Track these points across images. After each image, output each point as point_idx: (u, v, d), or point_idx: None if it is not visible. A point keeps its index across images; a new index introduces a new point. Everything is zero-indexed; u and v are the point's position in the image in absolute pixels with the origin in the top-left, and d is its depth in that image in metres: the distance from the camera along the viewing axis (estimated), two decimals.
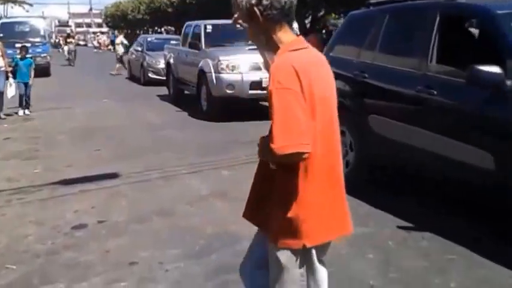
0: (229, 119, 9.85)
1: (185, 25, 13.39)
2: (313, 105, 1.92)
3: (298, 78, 1.88)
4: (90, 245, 4.21)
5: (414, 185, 5.36)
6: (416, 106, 4.74)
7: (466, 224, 4.41)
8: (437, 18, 4.74)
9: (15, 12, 47.98)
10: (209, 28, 11.55)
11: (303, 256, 2.03)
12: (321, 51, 11.58)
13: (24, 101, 11.27)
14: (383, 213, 4.73)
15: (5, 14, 45.62)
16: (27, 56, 12.00)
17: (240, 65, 9.90)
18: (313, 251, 2.04)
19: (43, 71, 18.91)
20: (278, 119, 1.85)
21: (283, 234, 1.99)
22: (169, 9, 30.93)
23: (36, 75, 18.49)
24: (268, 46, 2.08)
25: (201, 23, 11.99)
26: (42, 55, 19.87)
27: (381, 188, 5.39)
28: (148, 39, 19.20)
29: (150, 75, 16.83)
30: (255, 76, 9.77)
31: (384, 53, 5.43)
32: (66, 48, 26.97)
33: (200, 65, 10.63)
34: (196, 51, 11.24)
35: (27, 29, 20.90)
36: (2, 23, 22.43)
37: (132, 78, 19.29)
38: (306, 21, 24.23)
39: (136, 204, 5.17)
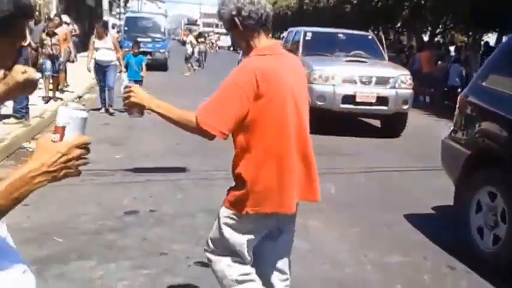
0: (317, 131, 9.67)
1: (287, 31, 13.28)
2: (267, 103, 2.29)
3: (253, 78, 2.26)
4: (132, 231, 4.48)
5: None
6: None
7: None
8: None
9: (148, 8, 51.07)
10: (309, 36, 11.30)
11: (241, 220, 2.46)
12: (431, 67, 10.75)
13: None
14: None
15: (139, 9, 48.82)
16: (142, 51, 12.06)
17: (333, 76, 9.58)
18: (251, 218, 2.44)
19: (161, 66, 20.04)
20: (213, 100, 2.31)
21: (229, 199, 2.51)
22: (288, 13, 31.40)
23: (154, 69, 19.68)
24: (247, 50, 2.43)
25: (302, 29, 11.78)
26: (161, 50, 21.02)
27: None
28: None
29: None
30: (349, 89, 9.52)
31: None
32: (196, 48, 25.73)
33: None
34: None
35: (150, 25, 22.17)
36: (127, 17, 24.09)
37: None
38: (425, 36, 23.51)
39: (189, 200, 5.38)
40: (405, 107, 9.72)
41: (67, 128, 1.40)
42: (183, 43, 43.43)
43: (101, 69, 10.42)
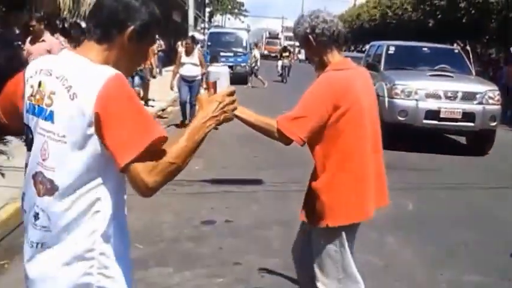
0: (400, 147, 8.85)
1: (370, 45, 13.19)
2: (345, 114, 2.44)
3: (331, 89, 2.46)
4: (209, 240, 4.60)
5: None
6: None
7: None
8: None
9: (231, 23, 52.30)
10: (392, 49, 11.05)
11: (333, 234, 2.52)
12: None
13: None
14: None
15: (223, 24, 50.09)
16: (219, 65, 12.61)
17: (416, 91, 9.26)
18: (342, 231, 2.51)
19: (241, 79, 20.45)
20: (294, 110, 2.47)
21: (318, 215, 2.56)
22: (367, 26, 31.05)
23: (235, 83, 19.88)
24: (320, 66, 2.60)
25: (384, 43, 11.57)
26: (242, 64, 21.52)
27: None
28: None
29: None
30: (432, 105, 9.16)
31: None
32: (280, 62, 24.81)
33: (375, 87, 10.35)
34: (375, 72, 10.73)
35: (232, 40, 22.73)
36: (210, 33, 24.81)
37: None
38: None
39: (264, 212, 5.45)
40: (493, 123, 9.27)
41: (217, 83, 1.90)
42: (265, 56, 44.06)
43: (186, 85, 10.46)
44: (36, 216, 1.68)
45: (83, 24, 10.87)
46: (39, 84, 1.69)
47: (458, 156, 9.15)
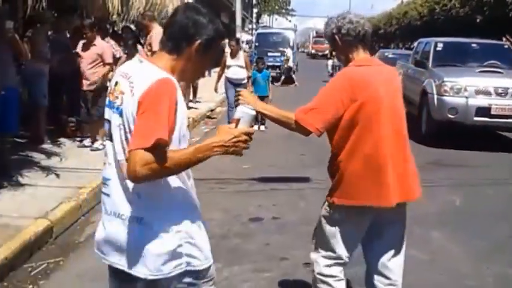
0: (450, 145, 8.93)
1: (417, 42, 13.01)
2: (361, 107, 2.57)
3: (348, 83, 2.61)
4: (256, 236, 4.73)
5: None
6: None
7: None
8: None
9: (278, 23, 52.32)
10: (440, 46, 10.90)
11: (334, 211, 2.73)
12: None
13: (259, 116, 11.37)
14: None
15: (271, 24, 50.22)
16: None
17: (466, 88, 9.08)
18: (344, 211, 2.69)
19: (288, 79, 20.56)
20: (311, 102, 2.64)
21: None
22: (418, 23, 30.48)
23: (283, 82, 20.03)
24: (346, 63, 2.77)
25: (432, 40, 11.43)
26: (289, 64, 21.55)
27: None
28: (385, 54, 19.23)
29: None
30: (483, 101, 8.98)
31: None
32: (330, 62, 23.70)
33: (424, 84, 10.02)
34: (423, 69, 10.67)
35: (279, 40, 22.87)
36: (258, 33, 25.05)
37: None
38: None
39: (310, 208, 5.49)
40: None
41: (240, 120, 2.07)
42: (312, 56, 43.93)
43: (232, 87, 10.12)
44: (139, 195, 1.96)
45: (133, 28, 11.21)
46: (116, 83, 2.01)
47: (506, 153, 8.93)
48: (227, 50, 10.41)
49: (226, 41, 9.98)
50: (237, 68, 10.20)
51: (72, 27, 8.83)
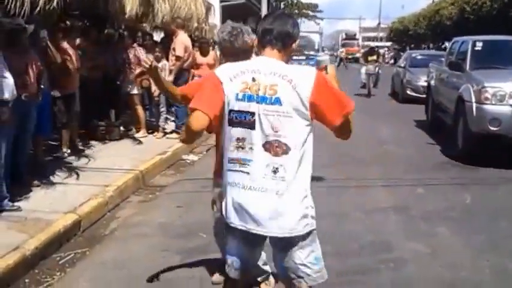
0: (492, 163, 7.70)
1: (452, 41, 11.66)
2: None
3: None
4: None
5: None
6: None
7: None
8: None
9: (306, 26, 52.16)
10: (479, 45, 9.38)
11: None
12: None
13: None
14: None
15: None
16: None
17: (510, 95, 7.62)
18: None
19: None
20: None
21: None
22: (448, 23, 30.26)
23: None
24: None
25: (469, 39, 9.95)
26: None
27: None
28: (413, 55, 19.14)
29: (408, 92, 16.35)
30: None
31: None
32: (363, 69, 19.24)
33: (460, 90, 8.44)
34: (459, 73, 9.15)
35: (305, 43, 23.15)
36: None
37: (393, 94, 18.87)
38: None
39: (317, 204, 5.78)
40: None
41: (328, 66, 2.63)
42: (340, 59, 43.86)
43: None
44: (276, 171, 2.39)
45: (154, 35, 11.69)
46: (253, 79, 2.41)
47: None
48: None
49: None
50: None
51: (105, 36, 9.33)
